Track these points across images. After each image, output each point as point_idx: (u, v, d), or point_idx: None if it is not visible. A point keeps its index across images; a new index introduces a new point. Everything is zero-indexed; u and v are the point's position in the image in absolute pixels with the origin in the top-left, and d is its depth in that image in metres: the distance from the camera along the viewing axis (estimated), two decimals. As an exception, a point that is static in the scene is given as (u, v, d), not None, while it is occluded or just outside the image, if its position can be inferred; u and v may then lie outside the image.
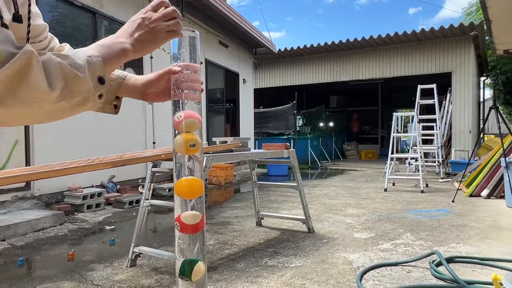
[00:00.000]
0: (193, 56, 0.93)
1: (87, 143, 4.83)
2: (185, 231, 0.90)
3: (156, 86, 0.94)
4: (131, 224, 3.95)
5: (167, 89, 0.93)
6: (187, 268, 0.91)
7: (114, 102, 0.96)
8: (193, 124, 0.89)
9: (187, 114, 0.88)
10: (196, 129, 0.90)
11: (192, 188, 0.90)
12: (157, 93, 0.96)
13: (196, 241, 0.92)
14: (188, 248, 0.91)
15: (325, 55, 11.89)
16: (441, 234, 3.42)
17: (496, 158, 5.45)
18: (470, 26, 9.30)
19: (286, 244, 3.18)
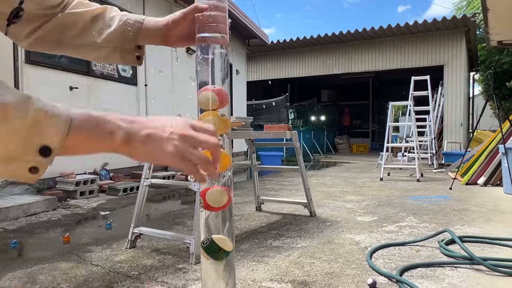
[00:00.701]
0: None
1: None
2: (210, 209, 0.80)
3: (180, 26, 0.83)
4: (126, 210, 3.83)
5: (191, 32, 0.82)
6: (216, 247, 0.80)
7: (137, 53, 0.87)
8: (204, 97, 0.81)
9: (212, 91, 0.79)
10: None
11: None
12: (180, 37, 0.85)
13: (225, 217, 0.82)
14: (215, 226, 0.81)
15: (317, 48, 11.84)
16: (444, 217, 3.38)
17: (493, 145, 5.46)
18: (463, 19, 9.34)
19: (289, 227, 3.10)
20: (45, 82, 4.35)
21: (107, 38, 0.83)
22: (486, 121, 15.67)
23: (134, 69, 5.80)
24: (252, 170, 3.71)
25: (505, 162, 4.62)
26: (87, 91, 4.91)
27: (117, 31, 0.83)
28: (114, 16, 0.84)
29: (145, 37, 0.85)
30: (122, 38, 0.83)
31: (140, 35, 0.84)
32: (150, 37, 0.85)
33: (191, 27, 0.82)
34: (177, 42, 0.87)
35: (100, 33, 0.83)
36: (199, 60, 0.81)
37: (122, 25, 0.83)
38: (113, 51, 0.85)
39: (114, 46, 0.84)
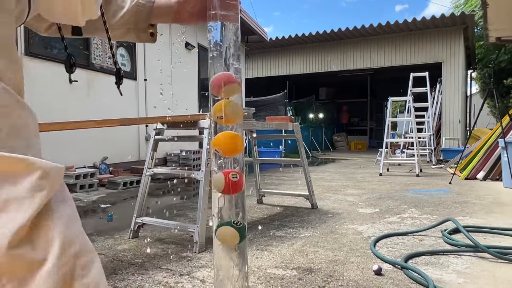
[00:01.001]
0: None
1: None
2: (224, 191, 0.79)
3: (192, 3, 0.84)
4: (127, 204, 3.82)
5: (203, 9, 0.82)
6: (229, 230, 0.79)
7: (150, 30, 0.88)
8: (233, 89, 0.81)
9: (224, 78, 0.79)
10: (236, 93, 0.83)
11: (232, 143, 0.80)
12: (192, 13, 0.85)
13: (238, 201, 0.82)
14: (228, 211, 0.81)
15: (316, 45, 11.83)
16: (446, 209, 3.39)
17: (492, 140, 5.48)
18: (461, 16, 9.36)
19: (291, 218, 3.10)
20: (45, 74, 4.33)
21: (121, 20, 0.84)
22: (483, 119, 15.74)
23: (133, 64, 5.78)
24: (253, 164, 3.70)
25: (505, 156, 4.63)
26: (86, 85, 4.88)
27: (130, 12, 0.84)
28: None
29: (157, 16, 0.86)
30: (135, 18, 0.85)
31: (152, 14, 0.85)
32: (162, 15, 0.86)
33: (202, 3, 0.83)
34: (188, 19, 0.87)
35: (114, 15, 0.84)
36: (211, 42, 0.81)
37: (134, 6, 0.84)
38: (128, 31, 0.87)
39: (127, 27, 0.86)
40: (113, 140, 5.23)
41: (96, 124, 1.85)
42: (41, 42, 4.36)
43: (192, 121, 2.36)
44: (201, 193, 2.27)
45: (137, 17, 0.84)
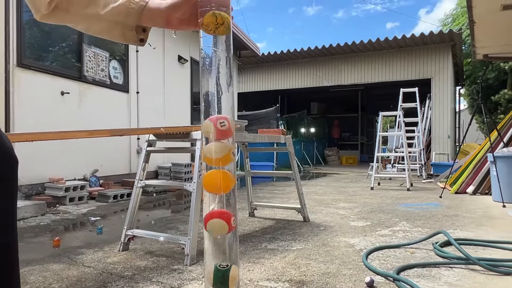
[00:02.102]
0: None
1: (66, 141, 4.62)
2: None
3: (183, 10, 0.84)
4: (117, 217, 3.77)
5: (193, 15, 0.83)
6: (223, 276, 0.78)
7: (141, 36, 0.88)
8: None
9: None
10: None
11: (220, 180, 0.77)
12: (182, 20, 0.85)
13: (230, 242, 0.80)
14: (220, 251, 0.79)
15: (307, 60, 11.97)
16: (437, 223, 3.41)
17: (481, 155, 5.55)
18: (449, 34, 9.58)
19: (283, 231, 3.09)
20: (37, 86, 4.31)
21: (111, 11, 0.84)
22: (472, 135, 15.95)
23: (126, 77, 5.78)
24: (245, 177, 3.70)
25: (494, 170, 4.69)
26: (78, 97, 4.87)
27: (121, 6, 0.84)
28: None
29: (148, 19, 0.86)
30: (125, 13, 0.85)
31: (143, 15, 0.85)
32: (152, 18, 0.86)
33: (193, 10, 0.83)
34: (178, 25, 0.87)
35: (105, 5, 0.84)
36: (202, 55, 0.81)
37: (127, 2, 0.85)
38: (115, 25, 0.86)
39: (116, 21, 0.85)
40: (104, 153, 5.20)
41: (87, 134, 1.84)
42: (34, 54, 4.35)
43: (184, 132, 2.36)
44: (193, 205, 2.26)
45: (128, 12, 0.84)
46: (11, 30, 3.99)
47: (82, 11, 0.84)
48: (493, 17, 5.46)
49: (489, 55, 7.51)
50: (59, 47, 4.79)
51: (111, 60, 5.50)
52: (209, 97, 0.81)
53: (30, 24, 4.32)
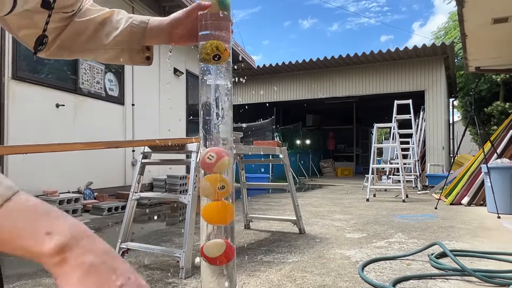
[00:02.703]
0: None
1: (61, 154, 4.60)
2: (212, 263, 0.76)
3: (184, 25, 0.85)
4: (111, 229, 3.74)
5: (194, 30, 0.83)
6: None
7: (146, 54, 0.90)
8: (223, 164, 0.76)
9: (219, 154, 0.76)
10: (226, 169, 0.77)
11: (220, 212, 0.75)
12: (183, 35, 0.87)
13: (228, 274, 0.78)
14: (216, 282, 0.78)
15: (302, 73, 12.07)
16: (432, 234, 3.41)
17: (475, 166, 5.58)
18: (442, 46, 9.71)
19: (279, 243, 3.07)
20: (31, 98, 4.30)
21: (115, 40, 0.86)
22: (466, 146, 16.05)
23: (121, 89, 5.79)
24: (240, 189, 3.69)
25: (488, 181, 4.71)
26: (73, 109, 4.86)
27: (124, 32, 0.86)
28: (121, 19, 0.88)
29: (151, 38, 0.88)
30: (129, 39, 0.86)
31: (145, 36, 0.87)
32: (155, 37, 0.88)
33: (193, 25, 0.83)
34: (180, 40, 0.89)
35: (108, 36, 0.86)
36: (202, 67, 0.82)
37: (128, 27, 0.86)
38: (121, 52, 0.88)
39: (121, 48, 0.87)
40: (98, 165, 5.17)
41: (83, 146, 1.84)
42: (29, 66, 4.35)
43: (180, 144, 2.36)
44: (188, 217, 2.24)
45: (131, 37, 0.86)
46: (6, 43, 4.00)
47: (85, 47, 0.87)
48: (484, 31, 5.55)
49: (481, 67, 7.61)
50: (55, 59, 4.80)
51: (107, 72, 5.51)
52: (208, 109, 0.81)
53: (26, 37, 4.33)
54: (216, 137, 0.79)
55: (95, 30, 0.85)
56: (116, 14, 0.88)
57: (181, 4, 6.43)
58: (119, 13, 0.89)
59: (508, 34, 5.69)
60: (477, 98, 12.25)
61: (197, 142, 2.65)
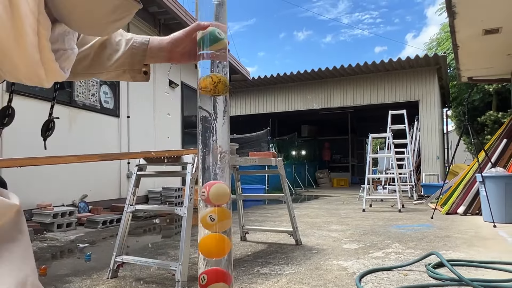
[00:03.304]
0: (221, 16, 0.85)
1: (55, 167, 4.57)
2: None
3: (183, 44, 0.88)
4: (106, 243, 3.70)
5: (193, 49, 0.86)
6: None
7: (144, 69, 0.91)
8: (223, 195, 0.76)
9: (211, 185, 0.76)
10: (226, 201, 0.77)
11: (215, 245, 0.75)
12: (183, 53, 0.90)
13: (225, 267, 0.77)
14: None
15: (297, 84, 12.14)
16: (429, 244, 3.40)
17: (470, 175, 5.61)
18: (435, 57, 9.83)
19: (276, 255, 3.05)
20: (26, 111, 4.28)
21: (116, 62, 0.88)
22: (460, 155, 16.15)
23: (116, 101, 5.79)
24: (236, 200, 3.68)
25: (483, 190, 4.73)
26: (68, 121, 4.85)
27: (125, 54, 0.88)
28: (120, 40, 0.90)
29: (151, 57, 0.90)
30: (130, 60, 0.88)
31: (146, 56, 0.89)
32: (155, 56, 0.90)
33: (193, 44, 0.86)
34: (180, 59, 0.91)
35: (109, 58, 0.88)
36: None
37: (129, 49, 0.88)
38: (123, 73, 0.91)
39: (123, 69, 0.90)
40: (93, 178, 5.14)
41: (77, 159, 1.83)
42: (24, 79, 4.35)
43: (175, 156, 2.35)
44: (184, 230, 2.23)
45: (132, 59, 0.88)
46: (2, 56, 4.00)
47: (88, 71, 0.89)
48: (476, 41, 5.64)
49: (474, 77, 7.71)
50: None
51: (102, 85, 5.52)
52: (205, 121, 0.81)
53: (21, 50, 4.34)
54: (213, 148, 0.80)
55: (95, 54, 0.87)
56: (114, 35, 0.89)
57: (176, 17, 6.49)
58: (117, 34, 0.90)
59: (500, 45, 5.78)
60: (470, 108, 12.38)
61: (193, 153, 2.65)
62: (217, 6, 0.84)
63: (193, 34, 0.85)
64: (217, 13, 0.84)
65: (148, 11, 6.28)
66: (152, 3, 5.96)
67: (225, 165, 0.82)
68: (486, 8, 4.66)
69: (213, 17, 0.84)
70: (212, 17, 0.84)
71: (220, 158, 0.80)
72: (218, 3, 0.84)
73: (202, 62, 0.82)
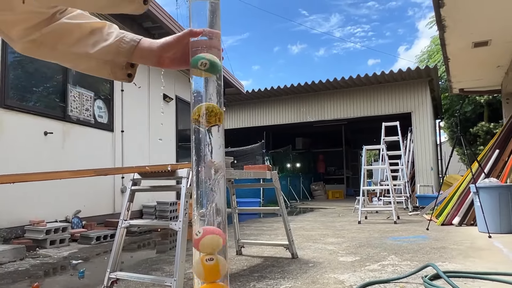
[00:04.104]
0: (214, 22, 0.85)
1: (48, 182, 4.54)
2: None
3: (174, 49, 0.85)
4: (100, 259, 3.65)
5: (184, 55, 0.84)
6: None
7: (129, 71, 0.89)
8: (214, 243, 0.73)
9: (207, 230, 0.73)
10: (218, 249, 0.74)
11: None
12: (173, 59, 0.87)
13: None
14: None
15: (291, 97, 12.22)
16: (425, 255, 3.40)
17: (464, 186, 5.63)
18: (426, 69, 9.97)
19: (272, 269, 3.03)
20: (20, 126, 4.27)
21: (101, 50, 0.84)
22: (454, 166, 16.25)
23: (110, 115, 5.78)
24: (232, 214, 3.66)
25: (477, 201, 4.75)
26: (62, 136, 4.82)
27: (112, 46, 0.85)
28: (112, 32, 0.87)
29: (139, 57, 0.87)
30: (116, 52, 0.85)
31: (134, 53, 0.86)
32: (144, 57, 0.87)
33: (184, 50, 0.84)
34: (170, 64, 0.88)
35: (94, 45, 0.84)
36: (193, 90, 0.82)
37: (118, 41, 0.85)
38: (104, 64, 0.86)
39: (105, 59, 0.85)
40: (87, 193, 5.09)
41: (70, 174, 1.82)
42: (17, 94, 4.34)
43: (170, 170, 2.34)
44: (179, 245, 2.21)
45: (118, 51, 0.85)
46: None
47: (69, 49, 0.84)
48: (466, 54, 5.73)
49: (465, 89, 7.82)
50: (44, 87, 4.80)
51: (96, 99, 5.51)
52: (200, 134, 0.81)
53: (15, 65, 4.34)
54: (208, 162, 0.79)
55: (82, 36, 0.84)
56: (108, 27, 0.87)
57: (170, 32, 6.53)
58: (111, 27, 0.88)
59: (489, 57, 5.89)
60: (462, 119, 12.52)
61: (188, 167, 2.64)
62: (210, 13, 0.84)
63: (185, 40, 0.83)
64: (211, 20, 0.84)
65: (142, 26, 6.32)
66: (146, 18, 6.01)
67: (220, 178, 0.82)
68: (475, 21, 4.75)
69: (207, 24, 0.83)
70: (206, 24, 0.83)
71: (215, 171, 0.80)
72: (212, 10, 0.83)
73: (196, 77, 0.82)
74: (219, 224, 0.79)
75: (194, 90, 0.82)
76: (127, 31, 0.88)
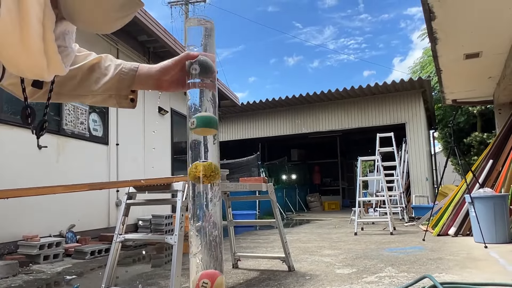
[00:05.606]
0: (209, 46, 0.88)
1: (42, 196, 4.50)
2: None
3: (172, 72, 0.88)
4: (95, 274, 3.61)
5: (182, 77, 0.87)
6: None
7: (131, 96, 0.92)
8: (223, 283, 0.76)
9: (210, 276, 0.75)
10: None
11: None
12: (171, 82, 0.90)
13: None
14: None
15: (286, 109, 12.28)
16: (422, 266, 3.39)
17: (459, 196, 5.65)
18: (419, 81, 10.08)
19: (268, 282, 3.00)
20: (13, 140, 4.24)
21: (103, 86, 0.88)
22: (449, 176, 16.33)
23: (105, 129, 5.77)
24: (228, 227, 3.64)
25: (472, 211, 4.77)
26: (56, 150, 4.80)
27: (113, 79, 0.88)
28: (110, 65, 0.90)
29: (139, 84, 0.90)
30: (118, 85, 0.88)
31: (134, 82, 0.89)
32: (143, 84, 0.90)
33: (182, 73, 0.87)
34: (168, 87, 0.91)
35: (96, 82, 0.88)
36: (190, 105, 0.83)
37: (118, 74, 0.88)
38: (109, 98, 0.90)
39: (109, 94, 0.89)
40: (81, 207, 5.05)
41: (64, 189, 1.81)
42: (11, 108, 4.33)
43: (165, 184, 2.34)
44: (175, 259, 2.19)
45: (120, 84, 0.88)
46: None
47: (74, 93, 0.88)
48: (458, 65, 5.81)
49: (458, 100, 7.90)
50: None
51: (91, 113, 5.51)
52: (195, 147, 0.82)
53: (9, 79, 4.33)
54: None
55: (83, 77, 0.87)
56: (104, 60, 0.90)
57: (165, 45, 6.58)
58: (107, 59, 0.91)
59: (481, 68, 5.97)
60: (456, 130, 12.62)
61: (183, 180, 2.63)
62: (205, 37, 0.87)
63: (182, 63, 0.86)
64: (205, 43, 0.87)
65: (137, 40, 6.35)
66: (141, 32, 6.04)
67: (215, 191, 0.82)
68: (465, 33, 4.83)
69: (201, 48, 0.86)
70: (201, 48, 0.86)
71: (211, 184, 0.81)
72: (206, 34, 0.86)
73: (191, 90, 0.83)
74: (216, 237, 0.79)
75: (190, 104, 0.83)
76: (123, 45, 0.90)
